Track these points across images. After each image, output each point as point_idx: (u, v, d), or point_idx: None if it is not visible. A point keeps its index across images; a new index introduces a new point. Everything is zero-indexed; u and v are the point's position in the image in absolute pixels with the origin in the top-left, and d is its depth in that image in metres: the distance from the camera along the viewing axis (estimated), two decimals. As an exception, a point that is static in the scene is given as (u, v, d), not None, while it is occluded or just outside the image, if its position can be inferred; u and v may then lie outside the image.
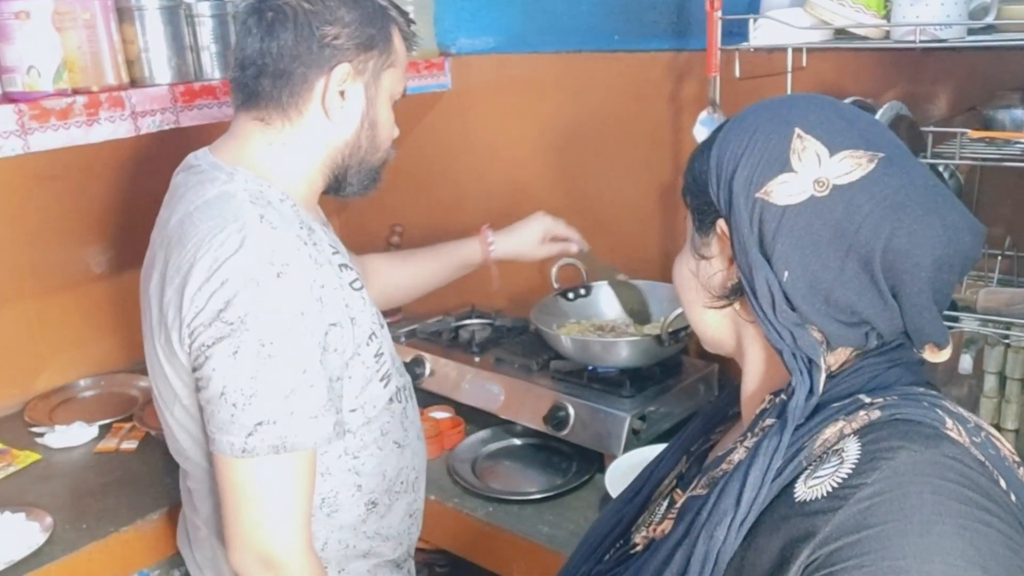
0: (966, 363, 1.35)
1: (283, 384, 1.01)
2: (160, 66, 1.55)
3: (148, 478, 1.62)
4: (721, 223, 0.74)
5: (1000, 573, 0.57)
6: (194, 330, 1.02)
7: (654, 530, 0.82)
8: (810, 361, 0.69)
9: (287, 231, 1.06)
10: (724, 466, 0.73)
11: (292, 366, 1.01)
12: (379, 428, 1.19)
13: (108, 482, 1.62)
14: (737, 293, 0.75)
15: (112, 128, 1.45)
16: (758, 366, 0.78)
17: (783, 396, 0.71)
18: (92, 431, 1.78)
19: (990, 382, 1.38)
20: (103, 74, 1.45)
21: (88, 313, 2.05)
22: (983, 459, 0.63)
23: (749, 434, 0.73)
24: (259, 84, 1.12)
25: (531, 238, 1.62)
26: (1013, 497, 0.63)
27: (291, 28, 1.09)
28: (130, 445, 1.74)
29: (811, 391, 0.69)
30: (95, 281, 2.06)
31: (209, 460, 1.12)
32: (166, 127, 1.53)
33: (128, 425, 1.80)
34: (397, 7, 1.19)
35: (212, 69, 1.63)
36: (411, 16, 1.23)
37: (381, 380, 1.17)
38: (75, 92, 1.42)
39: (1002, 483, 0.63)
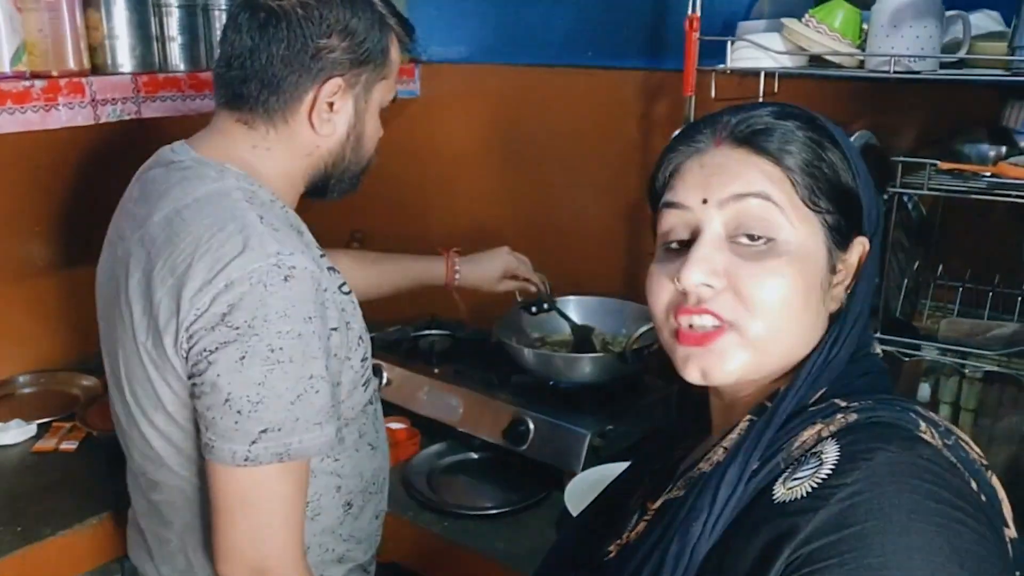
0: (924, 392, 1.37)
1: (290, 390, 0.97)
2: (124, 54, 1.51)
3: (88, 480, 1.56)
4: (864, 242, 0.75)
5: (976, 569, 0.58)
6: (193, 334, 0.97)
7: (627, 537, 0.81)
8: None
9: (287, 233, 1.02)
10: (702, 466, 0.73)
11: (299, 372, 0.97)
12: (357, 430, 1.17)
13: (46, 483, 1.55)
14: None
15: (70, 115, 1.40)
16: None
17: (766, 402, 0.72)
18: (30, 430, 1.71)
19: (944, 411, 1.40)
20: (64, 59, 1.40)
21: (30, 307, 1.97)
22: (955, 461, 0.64)
23: (729, 436, 0.73)
24: (245, 87, 1.07)
25: (493, 273, 1.64)
26: (984, 497, 0.64)
27: (284, 34, 1.05)
28: (70, 445, 1.67)
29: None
30: (39, 275, 1.98)
31: (191, 470, 1.08)
32: (126, 117, 1.49)
33: (68, 425, 1.74)
34: (397, 14, 1.15)
35: (179, 61, 1.59)
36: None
37: (363, 384, 1.15)
38: (33, 76, 1.37)
39: (973, 484, 0.64)
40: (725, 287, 0.71)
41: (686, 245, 0.74)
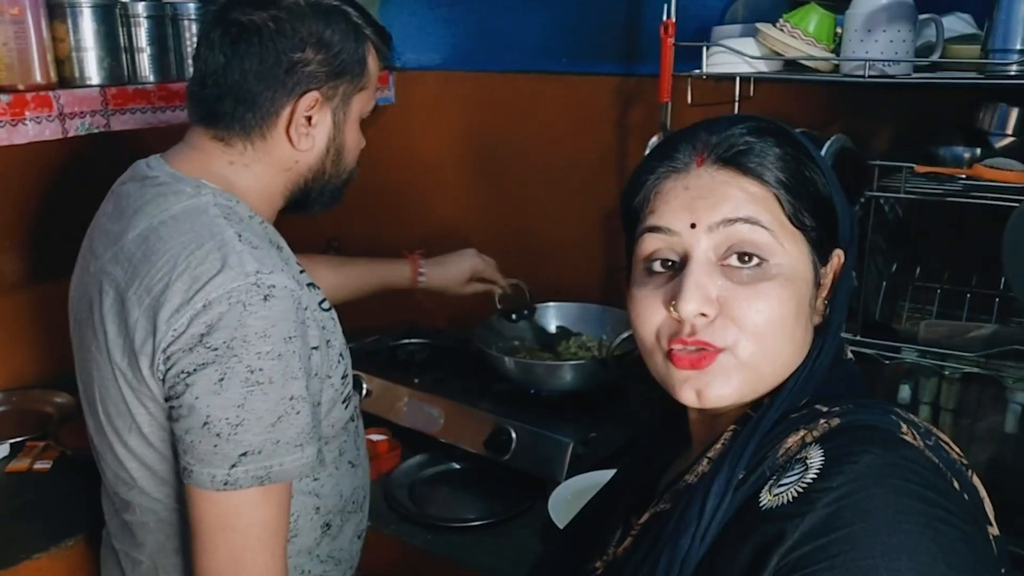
0: (904, 393, 1.38)
1: (270, 412, 0.95)
2: (92, 67, 1.48)
3: (63, 501, 1.52)
4: (839, 253, 0.76)
5: (962, 567, 0.58)
6: (170, 356, 0.95)
7: (613, 553, 0.80)
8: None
9: (267, 250, 1.00)
10: (688, 477, 0.73)
11: (280, 393, 0.95)
12: (337, 448, 1.15)
13: (20, 505, 1.52)
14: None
15: (38, 129, 1.38)
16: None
17: (750, 412, 0.72)
18: (3, 449, 1.67)
19: (924, 412, 1.41)
20: (30, 72, 1.38)
21: (1, 324, 1.93)
22: (937, 461, 0.65)
23: (714, 447, 0.73)
24: (221, 105, 1.06)
25: (459, 275, 1.64)
26: (966, 496, 0.65)
27: (257, 49, 1.03)
28: (44, 465, 1.64)
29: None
30: (10, 290, 1.94)
31: (166, 492, 1.06)
32: (95, 130, 1.46)
33: (42, 444, 1.70)
34: (373, 23, 1.14)
35: (148, 72, 1.56)
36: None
37: (343, 402, 1.13)
38: (-1, 90, 1.35)
39: (955, 484, 0.65)
40: (719, 313, 0.70)
41: (671, 267, 0.73)
